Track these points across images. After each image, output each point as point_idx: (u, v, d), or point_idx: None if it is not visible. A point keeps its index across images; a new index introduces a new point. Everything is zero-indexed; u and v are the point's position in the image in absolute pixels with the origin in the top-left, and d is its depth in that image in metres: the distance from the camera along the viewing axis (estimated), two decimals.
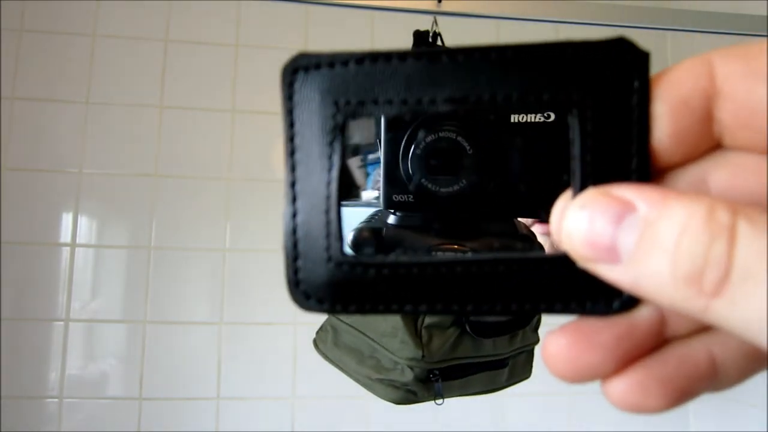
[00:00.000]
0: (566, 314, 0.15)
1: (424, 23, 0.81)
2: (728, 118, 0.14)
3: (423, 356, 0.66)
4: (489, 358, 0.71)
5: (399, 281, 0.15)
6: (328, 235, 0.15)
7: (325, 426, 1.17)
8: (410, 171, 0.23)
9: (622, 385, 0.14)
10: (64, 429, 1.10)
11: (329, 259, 0.15)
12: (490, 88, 0.15)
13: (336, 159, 0.15)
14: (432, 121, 0.22)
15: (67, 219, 1.15)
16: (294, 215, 0.16)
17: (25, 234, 1.13)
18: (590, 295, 0.15)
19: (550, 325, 0.15)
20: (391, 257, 0.15)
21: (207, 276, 1.18)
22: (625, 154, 0.14)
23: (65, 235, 1.15)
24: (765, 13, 0.78)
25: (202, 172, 1.20)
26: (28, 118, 1.16)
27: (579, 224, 0.13)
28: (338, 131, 0.15)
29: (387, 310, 0.16)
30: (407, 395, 0.70)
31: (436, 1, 0.72)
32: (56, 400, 1.11)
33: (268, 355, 1.17)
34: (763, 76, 0.13)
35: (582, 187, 0.15)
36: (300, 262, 0.16)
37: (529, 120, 0.21)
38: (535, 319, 0.75)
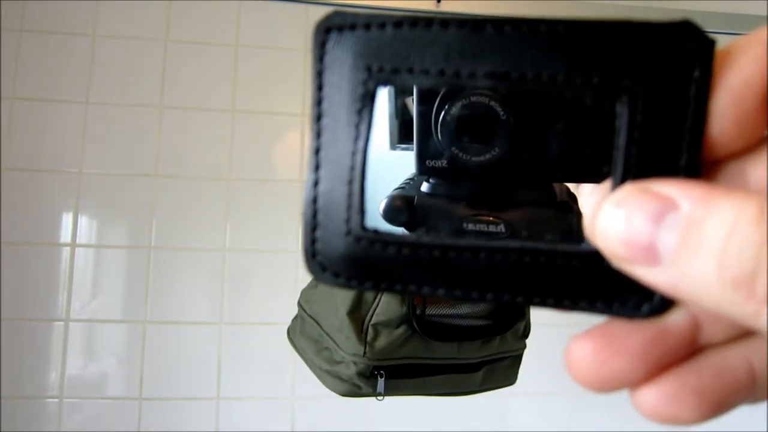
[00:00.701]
0: (590, 313, 0.14)
1: None
2: None
3: (364, 353, 0.67)
4: (451, 360, 0.71)
5: (418, 262, 0.14)
6: (349, 207, 0.15)
7: (325, 426, 1.17)
8: (440, 137, 0.22)
9: (654, 395, 0.13)
10: (64, 429, 1.10)
11: (348, 232, 0.15)
12: (535, 65, 0.14)
13: (364, 128, 0.14)
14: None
15: (67, 219, 1.15)
16: (316, 183, 0.15)
17: (25, 234, 1.13)
18: (619, 295, 0.14)
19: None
20: (412, 236, 0.15)
21: (207, 276, 1.18)
22: (674, 149, 0.13)
23: (65, 235, 1.15)
24: (765, 13, 0.78)
25: (202, 172, 1.20)
26: (28, 118, 1.16)
27: (614, 222, 0.13)
28: (369, 99, 0.14)
29: (404, 291, 0.15)
30: (352, 388, 0.71)
31: (435, 1, 0.72)
32: (56, 400, 1.11)
33: (268, 355, 1.17)
34: None
35: (622, 181, 0.14)
36: (318, 233, 0.15)
37: None
38: (521, 327, 0.74)
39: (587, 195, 0.18)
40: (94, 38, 1.19)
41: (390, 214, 0.26)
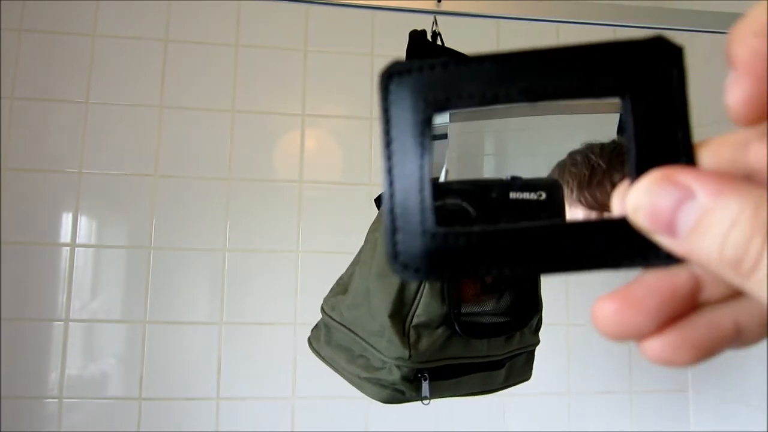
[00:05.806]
0: (635, 267, 0.17)
1: (425, 23, 0.81)
2: None
3: (410, 356, 0.65)
4: (482, 359, 0.70)
5: (485, 247, 0.17)
6: (422, 211, 0.18)
7: (325, 426, 1.17)
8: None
9: (658, 344, 0.17)
10: (64, 429, 1.10)
11: (424, 231, 0.18)
12: (554, 80, 0.17)
13: (426, 146, 0.18)
14: (440, 191, 0.24)
15: (67, 219, 1.15)
16: (392, 196, 0.18)
17: (25, 234, 1.13)
18: (651, 252, 0.17)
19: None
20: (478, 227, 0.17)
21: (207, 276, 1.18)
22: (672, 127, 0.17)
23: (65, 235, 1.15)
24: None
25: (202, 172, 1.20)
26: (28, 118, 1.16)
27: (643, 201, 0.16)
28: (428, 123, 0.18)
29: (475, 274, 0.17)
30: (395, 394, 0.69)
31: (435, 1, 0.72)
32: (56, 400, 1.11)
33: (268, 355, 1.17)
34: None
35: (638, 161, 0.17)
36: (398, 236, 0.18)
37: (524, 198, 0.23)
38: (534, 321, 0.75)
39: None
40: (94, 38, 1.20)
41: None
